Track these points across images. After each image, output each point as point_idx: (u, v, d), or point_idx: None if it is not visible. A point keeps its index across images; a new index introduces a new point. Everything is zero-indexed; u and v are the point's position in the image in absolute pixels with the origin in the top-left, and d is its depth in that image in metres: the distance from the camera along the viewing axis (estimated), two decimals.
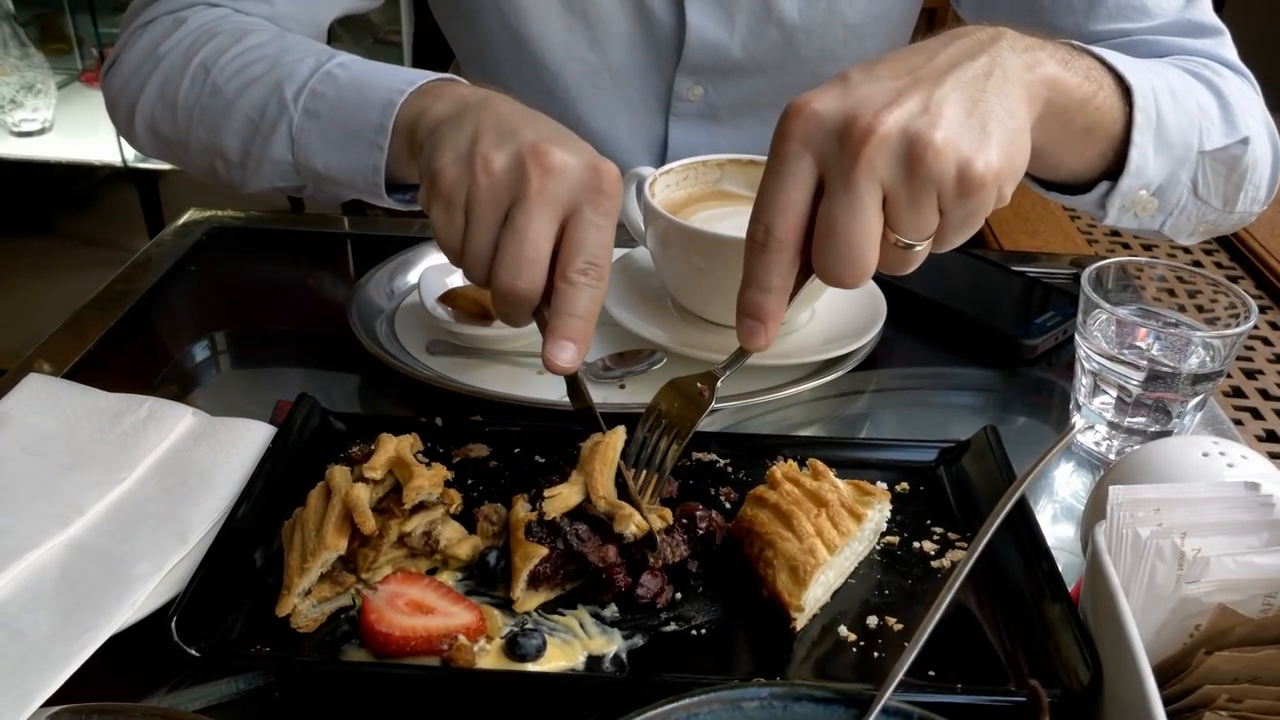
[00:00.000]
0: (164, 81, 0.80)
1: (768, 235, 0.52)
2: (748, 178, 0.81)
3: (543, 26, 0.92)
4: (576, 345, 0.56)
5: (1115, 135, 0.70)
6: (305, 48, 0.77)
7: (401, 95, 0.69)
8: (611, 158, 0.98)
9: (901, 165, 0.50)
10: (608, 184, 0.58)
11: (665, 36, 0.92)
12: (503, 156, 0.57)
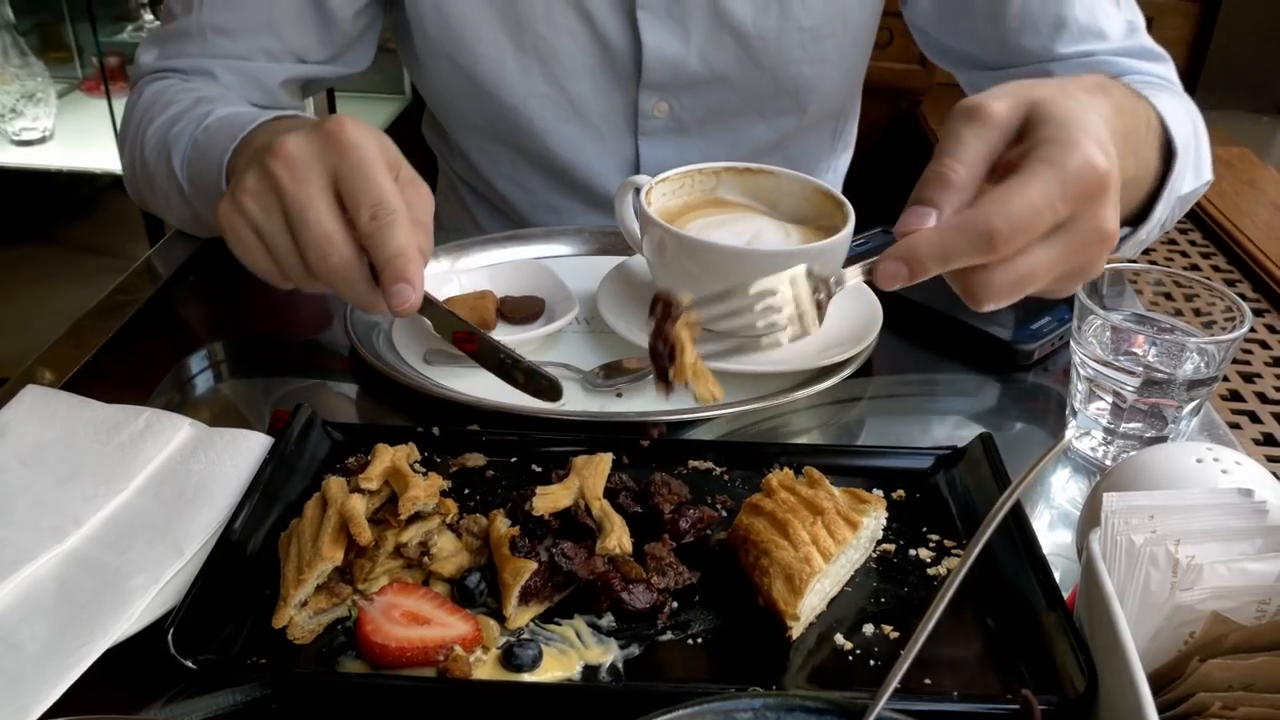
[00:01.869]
0: (131, 152, 0.90)
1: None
2: (743, 185, 0.81)
3: (497, 69, 0.92)
4: (408, 283, 0.59)
5: (1144, 193, 0.73)
6: (194, 113, 0.83)
7: (225, 158, 0.75)
8: (585, 184, 1.00)
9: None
10: (343, 134, 0.60)
11: (623, 59, 0.92)
12: (251, 176, 0.60)
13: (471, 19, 0.91)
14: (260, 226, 0.61)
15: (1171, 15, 2.19)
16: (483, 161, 1.04)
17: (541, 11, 0.90)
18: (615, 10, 0.90)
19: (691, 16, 0.90)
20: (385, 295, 0.59)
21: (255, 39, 0.91)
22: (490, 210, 1.09)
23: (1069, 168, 0.50)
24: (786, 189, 0.80)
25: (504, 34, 0.91)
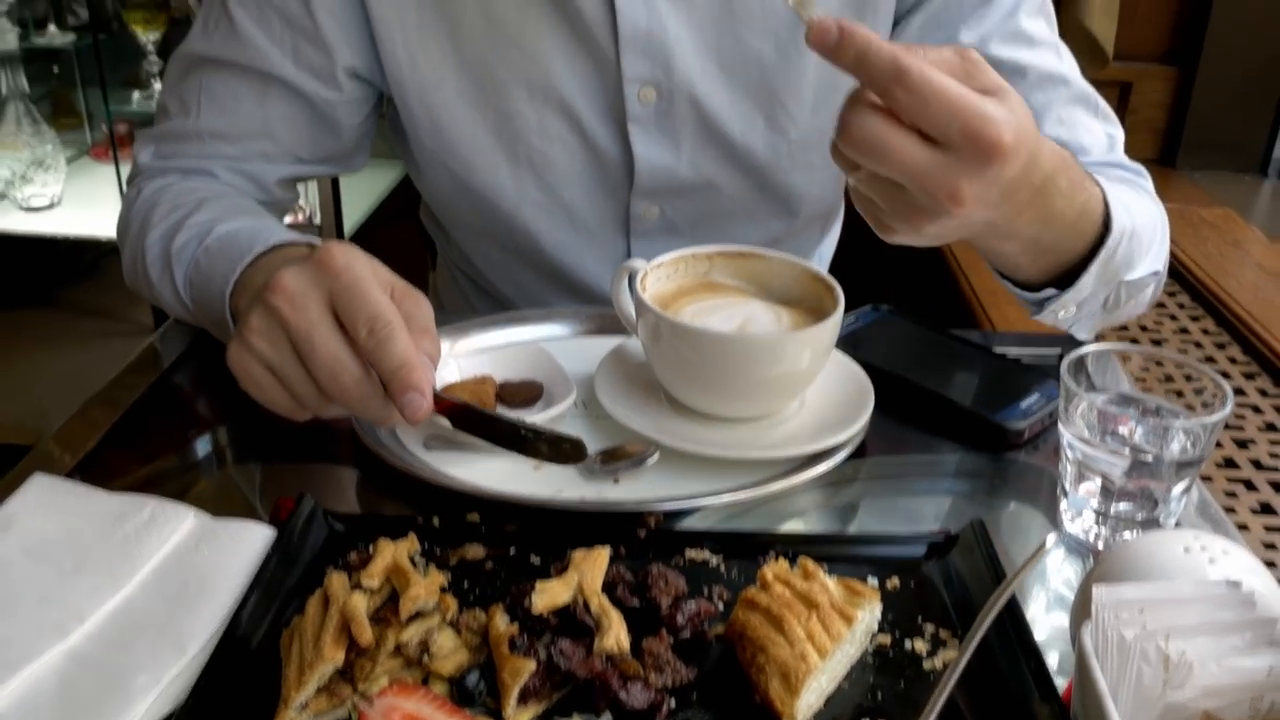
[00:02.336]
0: (133, 255, 0.91)
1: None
2: (735, 268, 0.82)
3: (491, 177, 0.95)
4: (416, 391, 0.61)
5: (1073, 259, 0.78)
6: (196, 222, 0.85)
7: (227, 291, 0.78)
8: (580, 283, 1.03)
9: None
10: (333, 261, 0.63)
11: (614, 168, 0.95)
12: (255, 316, 0.63)
13: (466, 130, 0.93)
14: (271, 362, 0.63)
15: (1150, 79, 2.23)
16: (478, 259, 1.06)
17: (534, 124, 0.92)
18: (607, 122, 0.92)
19: (681, 128, 0.92)
20: (397, 406, 0.61)
21: (252, 143, 0.93)
22: (487, 300, 1.11)
23: (986, 113, 0.55)
24: (778, 272, 0.81)
25: (498, 145, 0.93)
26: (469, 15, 0.90)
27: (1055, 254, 0.78)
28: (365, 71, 0.93)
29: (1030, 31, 0.91)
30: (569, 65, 0.91)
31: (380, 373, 0.62)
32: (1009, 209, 0.63)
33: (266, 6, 0.89)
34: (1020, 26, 0.90)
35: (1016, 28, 0.90)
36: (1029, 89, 0.89)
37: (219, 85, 0.92)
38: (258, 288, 0.66)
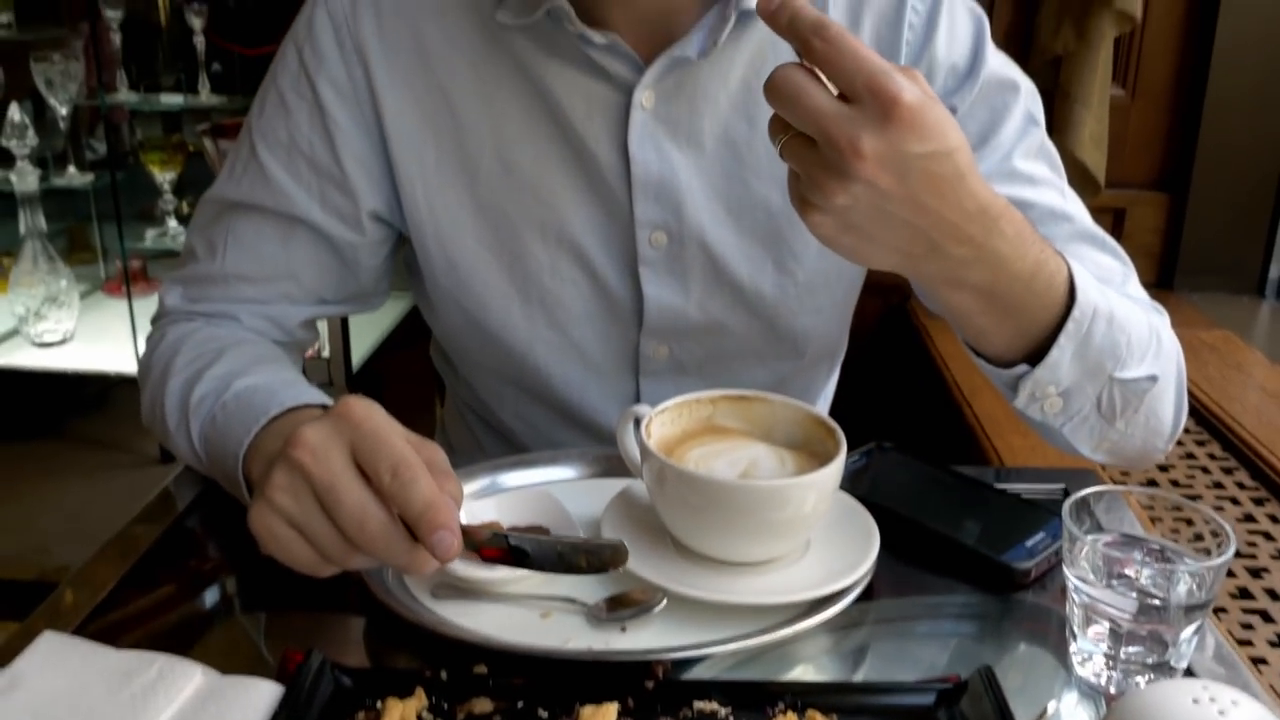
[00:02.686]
0: (152, 399, 0.93)
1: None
2: (738, 411, 0.84)
3: (503, 316, 0.98)
4: (445, 529, 0.62)
5: (1040, 329, 0.79)
6: (216, 374, 0.88)
7: (241, 452, 0.79)
8: (589, 421, 1.04)
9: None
10: (352, 413, 0.65)
11: (624, 308, 0.98)
12: (279, 473, 0.65)
13: (479, 270, 0.96)
14: (295, 518, 0.64)
15: (1143, 205, 2.28)
16: (488, 395, 1.08)
17: (547, 265, 0.95)
18: (617, 264, 0.95)
19: (691, 271, 0.95)
20: (427, 546, 0.62)
21: (277, 285, 0.96)
22: (496, 438, 1.12)
23: (891, 72, 0.60)
24: (780, 415, 0.83)
25: (510, 285, 0.96)
26: (486, 162, 0.93)
27: (1018, 318, 0.78)
28: (387, 214, 0.97)
29: (1029, 171, 0.93)
30: (582, 210, 0.94)
31: (407, 515, 0.63)
32: (934, 221, 0.66)
33: (295, 153, 0.94)
34: (1016, 166, 0.93)
35: (1013, 168, 0.93)
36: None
37: (245, 229, 0.96)
38: (273, 452, 0.67)
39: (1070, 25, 2.07)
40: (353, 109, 0.93)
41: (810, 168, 0.63)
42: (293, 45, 0.94)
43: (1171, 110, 2.25)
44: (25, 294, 2.61)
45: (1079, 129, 2.09)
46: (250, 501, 0.67)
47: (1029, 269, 0.74)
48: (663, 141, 0.92)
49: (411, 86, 0.92)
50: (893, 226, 0.66)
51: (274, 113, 0.94)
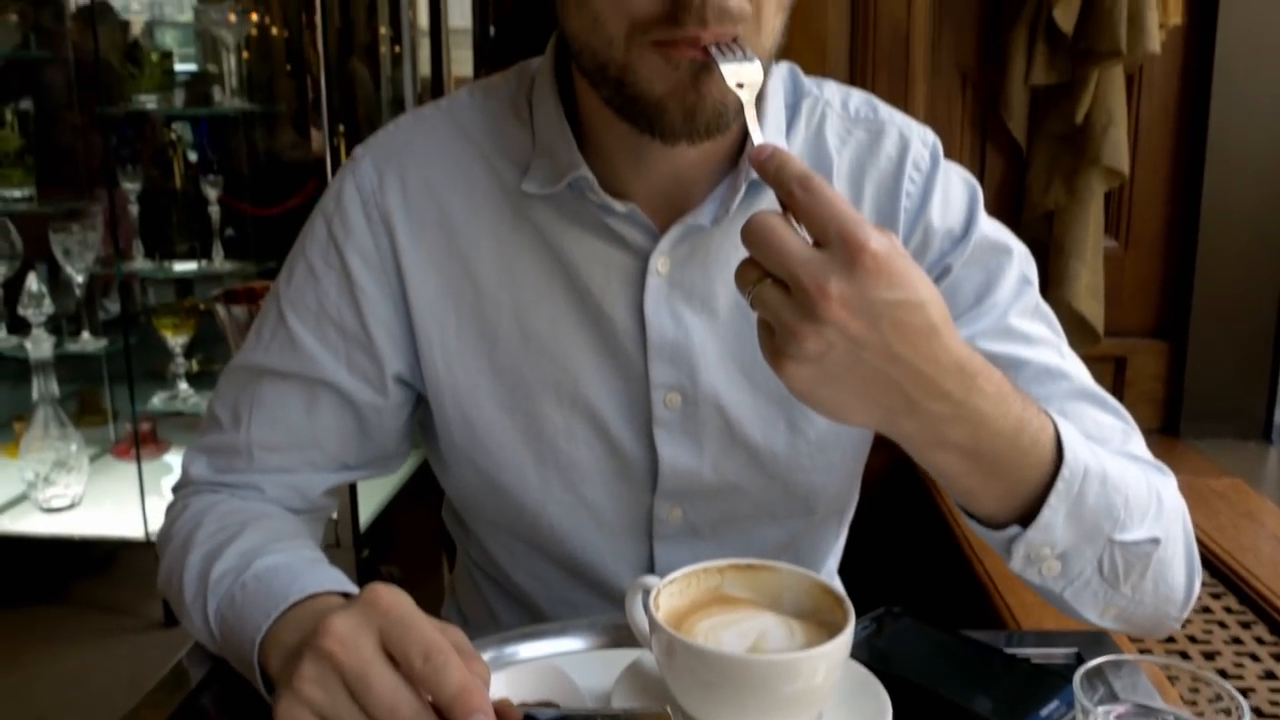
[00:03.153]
0: (169, 569, 0.93)
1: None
2: (746, 581, 0.83)
3: (517, 476, 0.99)
4: (480, 712, 0.63)
5: (1030, 490, 0.78)
6: (236, 551, 0.88)
7: (258, 639, 0.79)
8: (602, 583, 1.04)
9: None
10: (380, 600, 0.66)
11: (639, 470, 0.99)
12: (307, 664, 0.65)
13: (495, 431, 0.98)
14: (324, 709, 0.64)
15: (1143, 353, 2.30)
16: (501, 555, 1.08)
17: (561, 427, 0.97)
18: (632, 427, 0.97)
19: (705, 431, 0.97)
20: None
21: (300, 452, 0.98)
22: (507, 600, 1.12)
23: (861, 222, 0.64)
24: (788, 584, 0.82)
25: (525, 446, 0.98)
26: (505, 327, 0.96)
27: (1005, 478, 0.78)
28: (409, 377, 1.00)
29: (1024, 330, 0.95)
30: (598, 373, 0.96)
31: (440, 700, 0.63)
32: (909, 373, 0.67)
33: (323, 318, 0.97)
34: (1012, 325, 0.95)
35: (1009, 326, 0.95)
36: (1026, 383, 0.92)
37: (270, 397, 0.98)
38: (290, 643, 0.67)
39: (1060, 182, 2.13)
40: (378, 277, 0.96)
41: (781, 313, 0.66)
42: (322, 217, 0.99)
43: (1165, 260, 2.30)
44: (35, 459, 2.63)
45: (1075, 281, 2.14)
46: (274, 694, 0.67)
47: (1012, 426, 0.75)
48: (678, 305, 0.94)
49: (434, 255, 0.96)
50: (867, 378, 0.67)
51: (303, 281, 0.98)
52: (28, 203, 2.76)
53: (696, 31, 0.77)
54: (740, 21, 0.78)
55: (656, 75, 0.80)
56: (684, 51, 0.79)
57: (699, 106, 0.81)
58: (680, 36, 0.78)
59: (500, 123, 0.97)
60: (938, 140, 1.00)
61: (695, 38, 0.78)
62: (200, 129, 2.99)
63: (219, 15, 2.79)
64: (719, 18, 0.77)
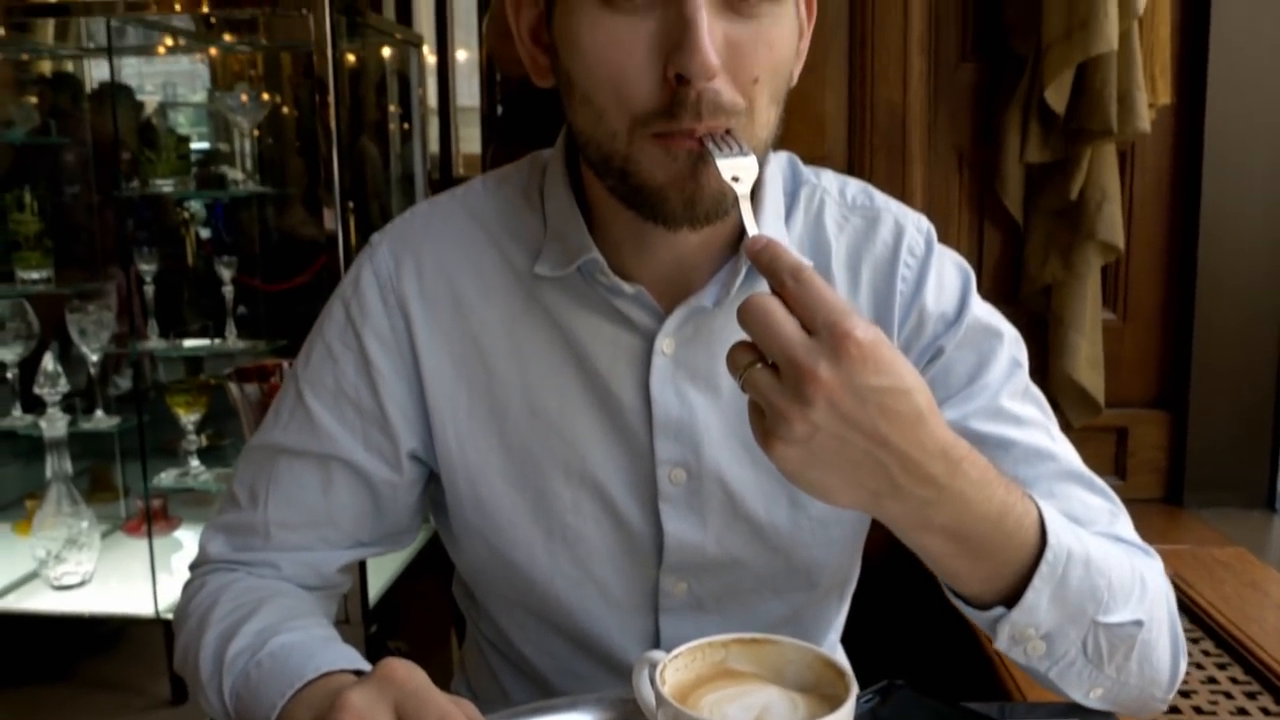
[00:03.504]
0: (185, 647, 0.95)
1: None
2: (750, 655, 0.85)
3: (527, 551, 1.02)
4: None
5: (1014, 572, 0.81)
6: (252, 629, 0.91)
7: (274, 714, 0.81)
8: (609, 656, 1.07)
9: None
10: (395, 674, 0.70)
11: (644, 544, 1.01)
12: None
13: (505, 508, 1.01)
14: None
15: (1145, 423, 2.31)
16: (510, 627, 1.10)
17: (569, 502, 0.99)
18: (638, 502, 1.00)
19: (709, 506, 0.99)
20: None
21: (316, 530, 1.01)
22: (515, 673, 1.13)
23: (851, 313, 0.68)
24: (791, 657, 0.84)
25: (534, 522, 1.00)
26: (515, 406, 0.99)
27: (989, 560, 0.81)
28: (423, 454, 1.03)
29: (1015, 411, 0.98)
30: (605, 450, 0.99)
31: None
32: (895, 456, 0.70)
33: (341, 398, 1.00)
34: (1003, 406, 0.98)
35: (1000, 407, 0.98)
36: (1014, 463, 0.95)
37: (287, 476, 1.01)
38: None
39: (1058, 257, 2.17)
40: (394, 358, 1.00)
41: (771, 395, 0.69)
42: (340, 301, 1.03)
43: (1164, 331, 2.32)
44: (47, 537, 2.65)
45: (1075, 353, 2.16)
46: None
47: (996, 510, 0.78)
48: (682, 384, 0.98)
49: (448, 337, 1.00)
50: (855, 461, 0.71)
51: (320, 362, 1.01)
52: (46, 284, 2.82)
53: (692, 125, 0.82)
54: (733, 115, 0.83)
55: (657, 166, 0.84)
56: (681, 144, 0.83)
57: (698, 195, 0.85)
58: (677, 129, 0.82)
59: (512, 210, 1.02)
60: (931, 227, 1.04)
61: (691, 130, 0.82)
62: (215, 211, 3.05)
63: (234, 101, 2.87)
64: (713, 112, 0.81)
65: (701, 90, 0.80)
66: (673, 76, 0.80)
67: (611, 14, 0.82)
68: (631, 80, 0.82)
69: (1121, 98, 1.98)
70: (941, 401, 0.98)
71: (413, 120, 3.66)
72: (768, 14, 0.83)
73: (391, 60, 3.60)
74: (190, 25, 3.06)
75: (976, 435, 0.95)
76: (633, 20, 0.81)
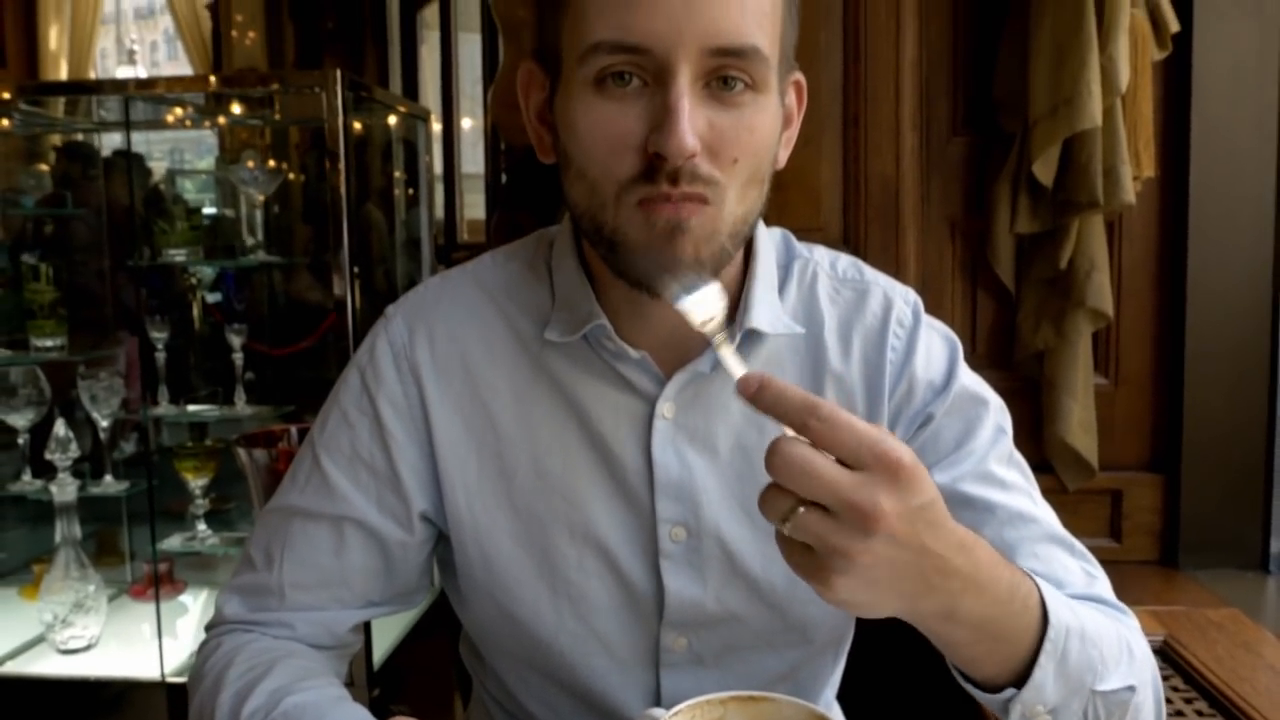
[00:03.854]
0: (200, 708, 0.98)
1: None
2: (748, 712, 0.89)
3: (532, 608, 1.06)
4: None
5: (1023, 651, 0.85)
6: (266, 690, 0.94)
7: None
8: (612, 711, 1.11)
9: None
10: None
11: (646, 601, 1.05)
12: None
13: (512, 567, 1.05)
14: None
15: (1139, 486, 2.36)
16: (515, 684, 1.14)
17: (574, 561, 1.04)
18: (640, 560, 1.04)
19: (708, 564, 1.04)
20: None
21: (330, 590, 1.05)
22: None
23: (887, 437, 0.69)
24: (788, 714, 0.88)
25: (540, 580, 1.04)
26: (522, 468, 1.04)
27: (1006, 642, 0.84)
28: (433, 515, 1.07)
29: (1001, 476, 1.03)
30: (608, 509, 1.03)
31: None
32: (933, 561, 0.73)
33: (356, 461, 1.05)
34: (990, 469, 1.02)
35: (987, 470, 1.02)
36: (999, 526, 0.99)
37: (301, 538, 1.05)
38: None
39: (1049, 323, 2.23)
40: (407, 423, 1.05)
41: (830, 536, 0.70)
42: (356, 369, 1.08)
43: (1155, 395, 2.38)
44: (55, 601, 2.67)
45: (1068, 417, 2.21)
46: None
47: (1006, 592, 0.82)
48: (682, 447, 1.02)
49: (459, 403, 1.05)
50: (904, 575, 0.73)
51: (337, 427, 1.07)
52: (59, 351, 2.87)
53: (668, 189, 0.88)
54: (710, 185, 0.89)
55: (639, 231, 0.91)
56: (661, 210, 0.89)
57: (677, 263, 0.90)
58: (655, 194, 0.89)
59: (520, 282, 1.07)
60: (919, 299, 1.10)
61: (668, 195, 0.88)
62: (226, 280, 3.12)
63: (246, 173, 2.94)
64: (690, 180, 0.88)
65: (680, 165, 0.86)
66: (653, 154, 0.87)
67: (604, 99, 0.89)
68: (618, 153, 0.89)
69: (1107, 171, 2.05)
70: (931, 465, 1.02)
71: (419, 187, 3.74)
72: (749, 103, 0.90)
73: (397, 128, 3.68)
74: (203, 100, 3.15)
75: (964, 498, 1.00)
76: (623, 105, 0.88)
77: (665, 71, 0.86)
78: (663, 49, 0.86)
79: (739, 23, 0.87)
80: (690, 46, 0.85)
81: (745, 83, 0.89)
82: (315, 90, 2.65)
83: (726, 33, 0.86)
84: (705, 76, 0.87)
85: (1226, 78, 2.20)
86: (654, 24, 0.85)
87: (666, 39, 0.85)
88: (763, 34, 0.89)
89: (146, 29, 21.86)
